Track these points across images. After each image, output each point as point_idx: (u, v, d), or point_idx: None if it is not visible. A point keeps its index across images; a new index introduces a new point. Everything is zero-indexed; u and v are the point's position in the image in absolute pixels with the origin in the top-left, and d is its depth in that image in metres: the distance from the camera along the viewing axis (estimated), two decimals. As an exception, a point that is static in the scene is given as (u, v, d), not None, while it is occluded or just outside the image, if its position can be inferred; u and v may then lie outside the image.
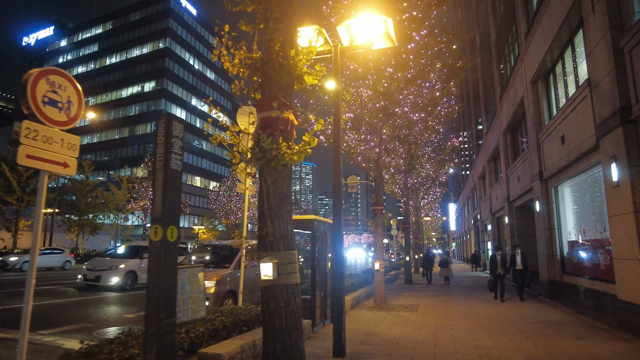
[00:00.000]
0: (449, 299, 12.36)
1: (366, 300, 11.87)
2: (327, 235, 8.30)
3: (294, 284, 3.77)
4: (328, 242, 8.21)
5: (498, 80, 18.91)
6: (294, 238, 3.97)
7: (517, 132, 16.78)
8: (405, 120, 10.99)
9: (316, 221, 7.65)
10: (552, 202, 11.38)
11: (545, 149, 11.59)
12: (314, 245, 7.67)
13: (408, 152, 17.65)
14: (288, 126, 3.98)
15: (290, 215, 3.92)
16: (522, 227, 16.59)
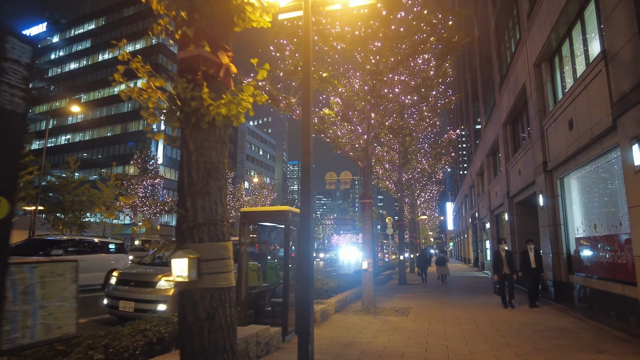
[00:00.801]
0: (445, 301, 11.33)
1: (354, 302, 10.84)
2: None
3: (223, 288, 2.72)
4: (305, 237, 7.16)
5: (497, 69, 17.90)
6: (229, 226, 2.92)
7: (518, 123, 15.77)
8: (396, 105, 9.95)
9: (290, 213, 6.61)
10: (558, 196, 10.37)
11: (550, 137, 10.57)
12: (287, 241, 6.63)
13: (402, 144, 16.64)
14: (220, 72, 2.93)
15: (221, 194, 2.87)
16: (523, 224, 15.58)
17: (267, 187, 57.29)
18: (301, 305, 4.44)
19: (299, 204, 4.52)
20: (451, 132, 17.41)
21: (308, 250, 4.53)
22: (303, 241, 4.57)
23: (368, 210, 9.98)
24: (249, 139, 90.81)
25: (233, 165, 76.57)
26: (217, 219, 2.78)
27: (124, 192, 37.70)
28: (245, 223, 6.91)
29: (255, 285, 6.85)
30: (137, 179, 38.92)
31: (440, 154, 17.78)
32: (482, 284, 17.43)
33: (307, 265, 4.52)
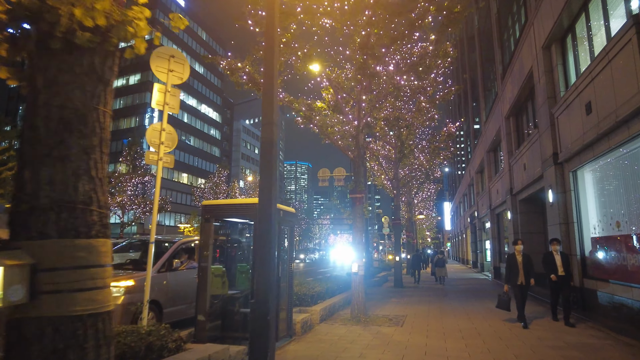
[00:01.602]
0: (444, 307, 10.25)
1: (344, 309, 9.74)
2: (283, 228, 6.15)
3: (82, 317, 1.61)
4: (282, 236, 6.06)
5: (499, 59, 16.85)
6: (106, 214, 1.81)
7: (522, 115, 14.72)
8: (390, 86, 8.84)
9: (260, 206, 5.49)
10: (570, 190, 9.30)
11: (562, 126, 9.51)
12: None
13: (398, 137, 15.55)
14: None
15: (90, 162, 1.76)
16: (527, 223, 14.53)
17: (262, 186, 56.11)
18: (257, 322, 3.33)
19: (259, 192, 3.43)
20: (450, 125, 16.34)
21: (268, 249, 3.42)
22: (262, 238, 3.47)
23: (359, 206, 8.88)
24: (244, 137, 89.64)
25: (228, 164, 75.37)
26: (76, 200, 1.66)
27: (113, 191, 36.51)
28: (209, 219, 5.80)
29: (219, 294, 5.74)
30: (126, 177, 37.72)
31: (438, 148, 16.71)
32: (483, 286, 16.38)
33: (266, 270, 3.42)
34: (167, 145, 5.53)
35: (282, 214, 6.28)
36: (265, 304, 3.28)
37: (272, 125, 3.54)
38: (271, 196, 3.40)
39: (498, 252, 19.57)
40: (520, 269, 7.68)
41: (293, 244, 6.72)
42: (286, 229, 6.57)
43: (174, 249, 7.06)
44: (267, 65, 3.72)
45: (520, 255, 7.82)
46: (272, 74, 3.67)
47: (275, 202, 3.46)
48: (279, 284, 6.01)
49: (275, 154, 3.53)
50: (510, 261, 7.87)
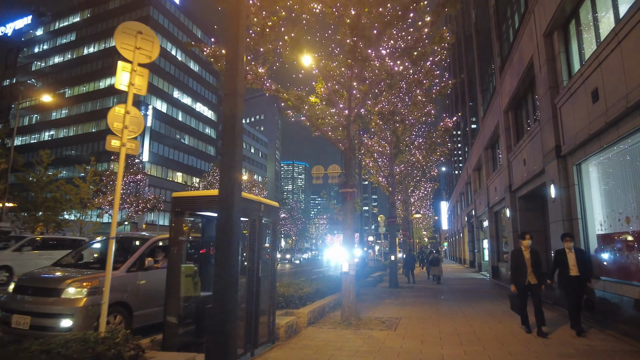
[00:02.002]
0: (441, 309, 9.70)
1: (334, 311, 9.17)
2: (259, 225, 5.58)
3: None
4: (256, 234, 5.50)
5: (498, 51, 16.35)
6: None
7: (522, 108, 14.21)
8: (383, 73, 8.28)
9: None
10: (574, 185, 8.77)
11: (566, 116, 8.98)
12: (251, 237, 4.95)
13: (393, 132, 15.02)
14: None
15: None
16: (527, 220, 14.01)
17: (258, 185, 55.35)
18: (214, 334, 2.76)
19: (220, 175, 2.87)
20: (447, 120, 15.81)
21: (229, 244, 2.85)
22: (223, 230, 2.89)
23: (350, 202, 8.32)
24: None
25: (223, 163, 74.68)
26: None
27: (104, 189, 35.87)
28: (180, 212, 5.23)
29: (191, 295, 5.17)
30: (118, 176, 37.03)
31: (435, 144, 16.17)
32: (481, 287, 15.87)
33: (227, 269, 2.85)
34: (131, 130, 4.96)
35: (264, 208, 5.73)
36: (224, 311, 2.71)
37: (236, 98, 2.98)
38: (233, 180, 2.84)
39: (496, 252, 19.07)
40: (527, 267, 6.69)
41: (277, 242, 6.15)
42: (268, 225, 6.01)
43: (147, 246, 6.48)
44: (232, 28, 3.15)
45: (527, 251, 6.81)
46: (236, 38, 3.11)
47: (238, 187, 2.89)
48: (259, 285, 5.46)
49: (240, 131, 2.96)
50: (516, 258, 6.84)
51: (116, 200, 4.77)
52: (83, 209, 34.98)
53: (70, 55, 67.76)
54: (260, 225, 5.54)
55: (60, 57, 68.92)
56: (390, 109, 14.35)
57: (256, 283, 5.38)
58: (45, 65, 70.06)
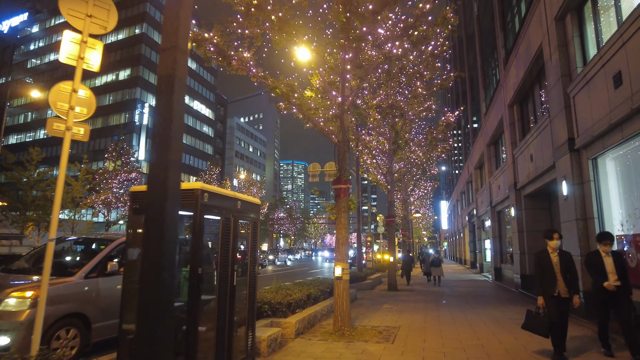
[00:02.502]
0: (443, 315, 8.93)
1: (327, 318, 8.41)
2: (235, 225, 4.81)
3: None
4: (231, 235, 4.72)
5: (502, 42, 15.57)
6: None
7: (528, 101, 13.44)
8: (380, 56, 7.50)
9: (203, 192, 4.13)
10: (589, 181, 8.01)
11: (580, 106, 8.21)
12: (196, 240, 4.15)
13: (392, 127, 14.24)
14: None
15: None
16: (533, 220, 13.26)
17: (256, 184, 54.55)
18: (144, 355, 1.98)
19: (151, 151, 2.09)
20: (449, 115, 15.04)
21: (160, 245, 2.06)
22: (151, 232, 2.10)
23: (343, 199, 7.55)
24: (238, 135, 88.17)
25: (221, 162, 73.84)
26: None
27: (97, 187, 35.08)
28: (139, 209, 4.44)
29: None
30: (112, 174, 36.29)
31: (435, 139, 15.39)
32: (484, 289, 15.10)
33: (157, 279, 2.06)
34: (80, 112, 4.18)
35: (241, 205, 4.96)
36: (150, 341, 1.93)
37: (177, 52, 2.20)
38: (168, 161, 2.05)
39: (499, 252, 18.31)
40: (557, 274, 5.17)
41: (256, 243, 5.37)
42: (247, 225, 5.24)
43: (110, 249, 5.69)
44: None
45: (555, 253, 5.29)
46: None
47: (175, 171, 2.10)
48: (233, 295, 4.69)
49: (180, 95, 2.18)
50: (542, 262, 5.33)
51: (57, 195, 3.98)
52: (75, 207, 34.13)
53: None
54: (236, 225, 4.77)
55: (56, 54, 67.98)
56: (389, 102, 13.58)
57: (230, 293, 4.61)
58: (40, 62, 69.17)
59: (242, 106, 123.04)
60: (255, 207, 5.37)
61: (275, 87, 7.95)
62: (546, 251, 5.38)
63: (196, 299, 4.02)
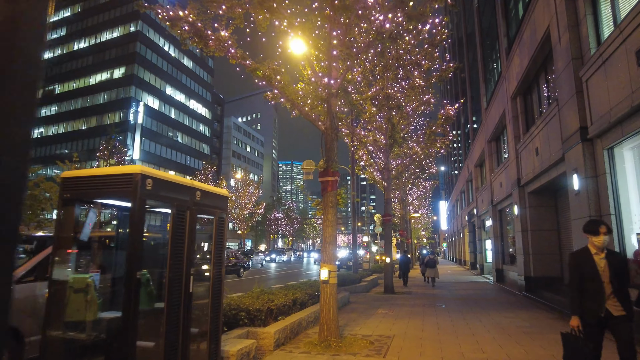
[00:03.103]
0: (443, 322, 8.11)
1: (314, 326, 7.60)
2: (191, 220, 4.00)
3: None
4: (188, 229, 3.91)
5: (504, 31, 14.79)
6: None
7: (533, 92, 12.65)
8: (372, 31, 6.69)
9: (143, 177, 3.31)
10: (605, 174, 7.21)
11: (594, 90, 7.42)
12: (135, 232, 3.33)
13: (389, 120, 13.43)
14: None
15: None
16: (538, 218, 12.46)
17: (253, 184, 53.65)
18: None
19: None
20: (448, 107, 14.25)
21: None
22: None
23: (331, 193, 6.74)
24: (235, 134, 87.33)
25: (218, 161, 72.95)
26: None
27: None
28: (71, 200, 3.63)
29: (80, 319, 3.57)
30: (103, 172, 35.41)
31: (434, 133, 14.59)
32: (486, 292, 14.30)
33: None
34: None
35: (201, 196, 4.15)
36: None
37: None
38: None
39: (501, 253, 17.51)
40: (605, 285, 3.61)
41: (222, 242, 4.56)
42: (210, 219, 4.44)
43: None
44: None
45: (602, 255, 3.69)
46: None
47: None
48: (189, 304, 3.88)
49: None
50: (581, 268, 3.76)
51: None
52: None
53: (60, 51, 65.94)
54: (192, 220, 3.96)
55: (49, 52, 67.05)
56: (386, 93, 12.78)
57: (185, 301, 3.80)
58: (34, 61, 68.06)
59: (240, 106, 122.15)
60: (221, 199, 4.56)
61: (255, 69, 7.15)
62: (587, 251, 3.76)
63: (133, 308, 3.21)
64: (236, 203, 51.90)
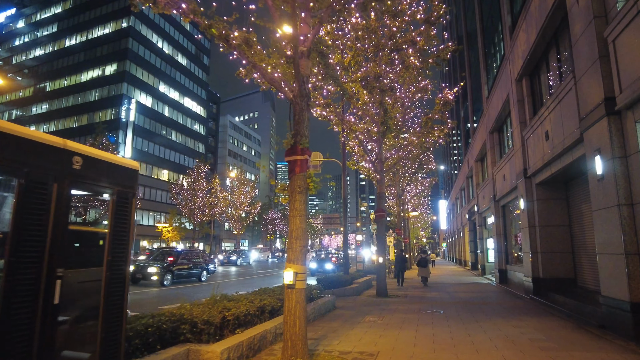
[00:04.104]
0: (439, 332, 6.76)
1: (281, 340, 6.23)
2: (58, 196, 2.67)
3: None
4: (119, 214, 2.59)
5: (508, 9, 13.46)
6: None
7: (541, 71, 11.33)
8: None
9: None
10: (639, 152, 5.88)
11: (623, 51, 6.10)
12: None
13: (380, 104, 12.11)
14: None
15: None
16: (547, 213, 11.13)
17: (248, 183, 52.26)
18: None
19: None
20: (447, 91, 12.93)
21: None
22: None
23: (299, 175, 5.41)
24: (232, 133, 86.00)
25: (213, 160, 71.50)
26: None
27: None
28: None
29: None
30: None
31: (432, 120, 13.26)
32: (488, 295, 12.96)
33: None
34: None
35: (81, 163, 2.83)
36: None
37: None
38: None
39: (504, 252, 16.19)
40: None
41: (124, 230, 3.23)
42: (110, 198, 3.12)
43: None
44: None
45: None
46: None
47: None
48: (54, 320, 2.55)
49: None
50: None
51: None
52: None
53: (51, 48, 64.57)
54: (63, 196, 2.63)
55: (41, 49, 65.75)
56: (376, 72, 11.46)
57: (43, 318, 2.47)
58: (26, 58, 66.84)
59: (236, 105, 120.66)
60: (122, 172, 3.22)
61: (209, 27, 5.80)
62: None
63: None
64: (231, 202, 50.53)
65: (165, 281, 16.26)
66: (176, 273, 17.11)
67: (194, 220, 49.08)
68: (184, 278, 17.77)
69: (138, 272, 16.23)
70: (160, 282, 16.05)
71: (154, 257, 18.33)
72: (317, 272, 21.76)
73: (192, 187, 47.69)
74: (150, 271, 16.16)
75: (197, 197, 48.53)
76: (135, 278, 16.09)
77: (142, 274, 16.17)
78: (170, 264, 17.03)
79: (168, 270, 16.70)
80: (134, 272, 16.18)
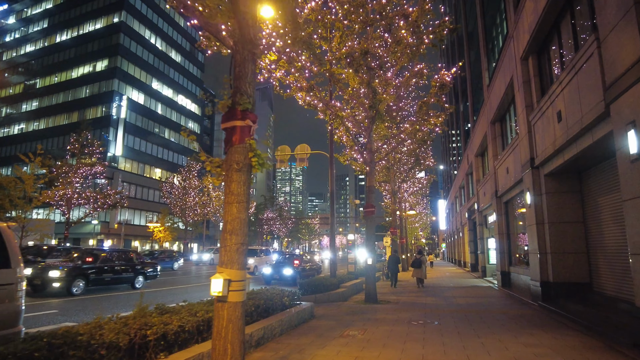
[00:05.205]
0: (431, 350, 5.33)
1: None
2: None
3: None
4: None
5: (513, -19, 12.06)
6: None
7: (550, 46, 9.91)
8: None
9: None
10: (690, 121, 4.47)
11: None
12: None
13: (368, 84, 10.68)
14: None
15: None
16: (557, 207, 9.71)
17: (243, 182, 50.61)
18: None
19: None
20: (444, 73, 11.53)
21: None
22: None
23: (238, 147, 3.99)
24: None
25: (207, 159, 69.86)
26: None
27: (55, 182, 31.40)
28: None
29: None
30: (72, 167, 32.53)
31: (427, 104, 11.86)
32: (490, 301, 11.53)
33: None
34: None
35: None
36: None
37: None
38: None
39: (507, 253, 14.77)
40: None
41: None
42: None
43: None
44: None
45: None
46: None
47: None
48: None
49: None
50: None
51: None
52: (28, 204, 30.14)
53: (41, 44, 63.13)
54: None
55: (31, 45, 64.32)
56: (363, 48, 10.05)
57: None
58: (15, 54, 65.39)
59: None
60: None
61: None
62: None
63: None
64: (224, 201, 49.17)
65: (75, 288, 12.43)
66: (93, 278, 13.22)
67: (185, 219, 47.65)
68: (105, 284, 13.91)
69: (37, 277, 12.17)
70: (66, 289, 12.20)
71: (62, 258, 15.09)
72: (273, 280, 17.52)
73: (184, 185, 46.26)
74: (51, 275, 12.10)
75: (188, 195, 47.11)
76: (34, 285, 12.11)
77: (41, 279, 12.11)
78: (83, 267, 13.08)
79: (79, 274, 12.73)
80: (32, 276, 12.17)
